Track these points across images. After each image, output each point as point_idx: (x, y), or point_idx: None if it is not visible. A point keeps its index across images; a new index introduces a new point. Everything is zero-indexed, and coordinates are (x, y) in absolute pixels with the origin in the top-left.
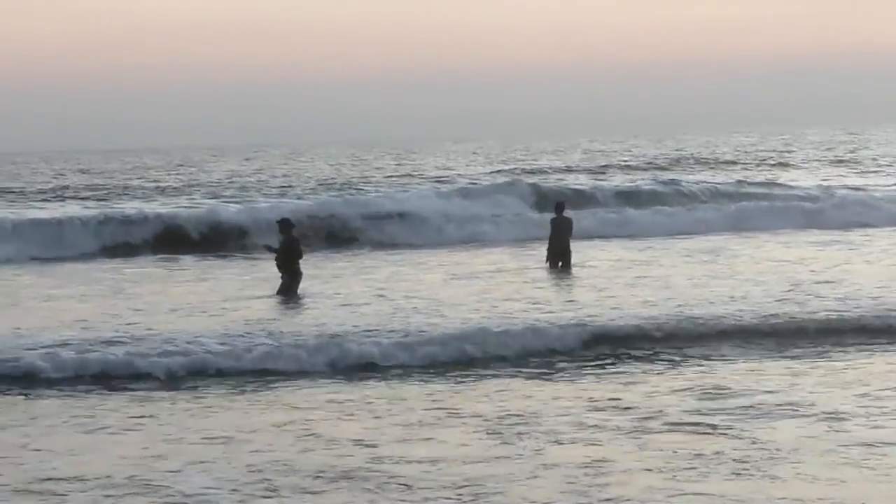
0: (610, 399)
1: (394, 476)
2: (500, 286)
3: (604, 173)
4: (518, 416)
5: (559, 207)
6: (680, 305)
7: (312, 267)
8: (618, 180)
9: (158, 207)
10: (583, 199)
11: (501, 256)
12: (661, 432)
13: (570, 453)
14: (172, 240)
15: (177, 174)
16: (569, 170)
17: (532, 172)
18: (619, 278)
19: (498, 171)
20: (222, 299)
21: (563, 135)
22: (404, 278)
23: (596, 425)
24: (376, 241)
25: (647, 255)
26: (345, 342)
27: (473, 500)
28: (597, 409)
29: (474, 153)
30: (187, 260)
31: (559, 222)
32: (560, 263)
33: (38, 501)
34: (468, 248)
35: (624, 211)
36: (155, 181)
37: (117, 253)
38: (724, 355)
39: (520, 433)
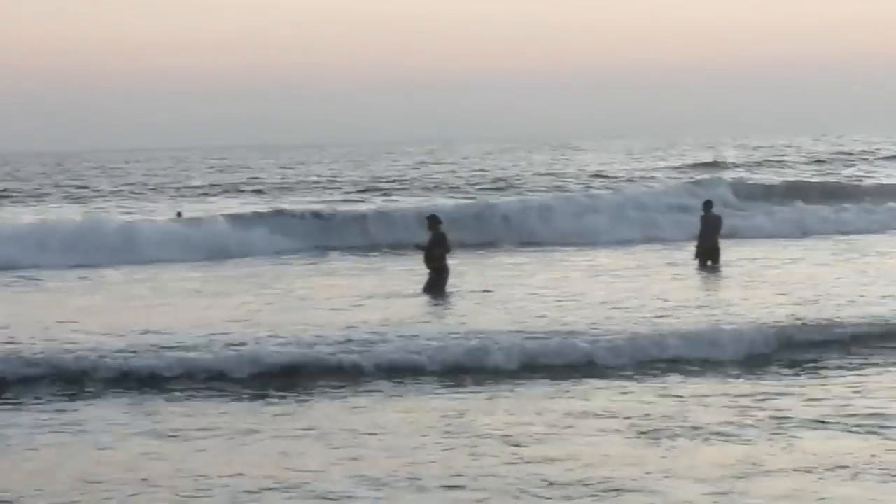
0: (757, 400)
1: (535, 474)
2: (647, 286)
3: (760, 166)
4: (664, 416)
5: (708, 205)
6: (827, 306)
7: (463, 263)
8: (779, 176)
9: (312, 204)
10: (757, 193)
11: (655, 255)
12: (809, 432)
13: (714, 454)
14: (322, 236)
15: (337, 170)
16: (734, 165)
17: (696, 167)
18: (767, 278)
19: (656, 168)
20: (367, 296)
21: (708, 132)
22: (566, 277)
23: (742, 426)
24: (548, 240)
25: (796, 253)
26: (486, 341)
27: (616, 497)
28: (742, 408)
29: (628, 150)
30: (334, 256)
31: (709, 220)
32: (709, 262)
33: (178, 497)
34: (640, 246)
35: (788, 208)
36: (314, 176)
37: (273, 250)
38: (872, 358)
39: (664, 432)
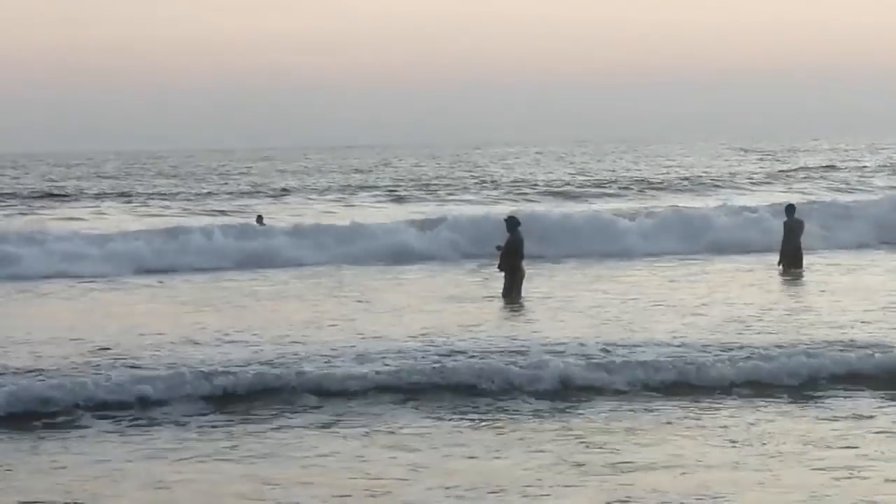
0: (855, 416)
1: (628, 485)
2: (716, 293)
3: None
4: (766, 430)
5: (790, 210)
6: None
7: (540, 268)
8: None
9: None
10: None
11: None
12: None
13: (818, 462)
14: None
15: (446, 172)
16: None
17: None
18: (844, 287)
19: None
20: (442, 300)
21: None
22: (648, 286)
23: (845, 440)
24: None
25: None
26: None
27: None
28: (845, 420)
29: (716, 152)
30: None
31: (791, 225)
32: (792, 268)
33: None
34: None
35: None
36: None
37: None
38: None
39: (768, 441)
